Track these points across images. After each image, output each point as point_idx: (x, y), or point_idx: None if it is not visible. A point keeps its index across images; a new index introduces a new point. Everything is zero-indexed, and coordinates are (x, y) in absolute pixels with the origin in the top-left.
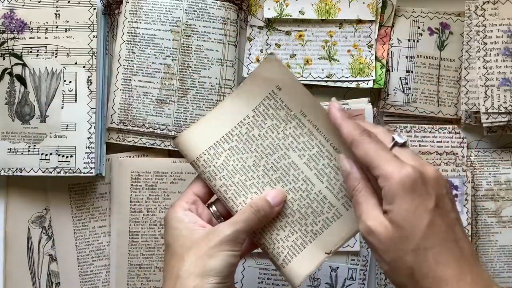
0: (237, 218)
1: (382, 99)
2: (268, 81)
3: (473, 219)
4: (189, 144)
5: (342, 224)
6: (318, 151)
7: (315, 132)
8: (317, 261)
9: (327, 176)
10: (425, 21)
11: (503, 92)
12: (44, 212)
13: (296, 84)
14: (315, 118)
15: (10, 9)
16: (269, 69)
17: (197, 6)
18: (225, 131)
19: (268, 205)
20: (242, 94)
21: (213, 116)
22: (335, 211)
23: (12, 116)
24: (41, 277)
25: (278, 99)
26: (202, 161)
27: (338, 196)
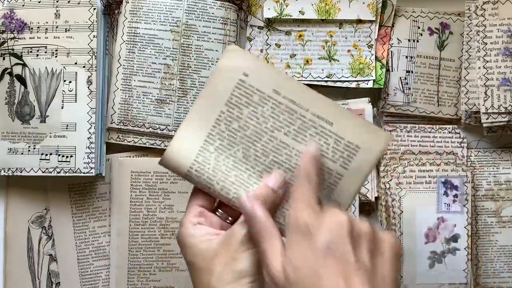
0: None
1: (382, 99)
2: (233, 71)
3: (473, 219)
4: (176, 160)
5: (345, 184)
6: (302, 123)
7: (293, 106)
8: None
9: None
10: (425, 21)
11: (503, 92)
12: (44, 212)
13: (262, 65)
14: (289, 93)
15: (10, 9)
16: (231, 59)
17: (197, 6)
18: (205, 134)
19: (271, 191)
20: (210, 92)
21: (189, 124)
22: (335, 174)
23: (12, 116)
24: (41, 277)
25: (248, 86)
26: (194, 172)
27: (333, 159)
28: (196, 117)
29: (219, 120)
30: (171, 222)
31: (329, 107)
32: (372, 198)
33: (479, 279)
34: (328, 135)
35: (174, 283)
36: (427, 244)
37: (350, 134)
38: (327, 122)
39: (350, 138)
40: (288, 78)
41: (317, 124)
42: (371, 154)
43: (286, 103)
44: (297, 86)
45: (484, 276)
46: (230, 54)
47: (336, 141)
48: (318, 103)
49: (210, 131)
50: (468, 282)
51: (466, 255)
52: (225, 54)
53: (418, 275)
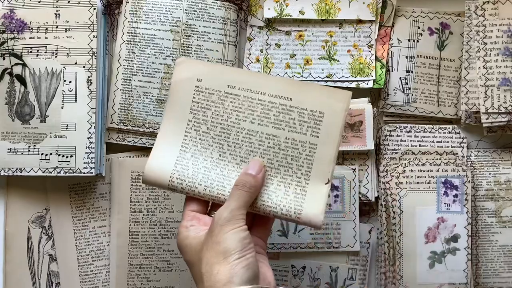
0: (228, 200)
1: (382, 99)
2: (187, 81)
3: (473, 219)
4: (155, 175)
5: (322, 151)
6: (263, 108)
7: (250, 94)
8: (323, 195)
9: (283, 122)
10: (425, 21)
11: (503, 92)
12: (44, 212)
13: (212, 67)
14: (243, 83)
15: (10, 9)
16: (182, 70)
17: (197, 6)
18: (179, 144)
19: (250, 176)
20: (173, 106)
21: (161, 140)
22: (309, 145)
23: (12, 116)
24: (41, 277)
25: (205, 89)
26: (175, 180)
27: (302, 131)
28: (167, 132)
29: (188, 128)
30: (171, 222)
31: (284, 84)
32: (372, 198)
33: (479, 279)
34: (290, 110)
35: (174, 283)
36: (427, 244)
37: (311, 103)
38: (286, 98)
39: (311, 107)
40: (238, 70)
41: (277, 104)
42: (337, 115)
43: (243, 94)
44: (249, 75)
45: (484, 276)
46: (180, 66)
47: (300, 114)
48: (272, 84)
49: (183, 140)
50: (468, 282)
51: (466, 255)
52: (176, 68)
53: (418, 275)
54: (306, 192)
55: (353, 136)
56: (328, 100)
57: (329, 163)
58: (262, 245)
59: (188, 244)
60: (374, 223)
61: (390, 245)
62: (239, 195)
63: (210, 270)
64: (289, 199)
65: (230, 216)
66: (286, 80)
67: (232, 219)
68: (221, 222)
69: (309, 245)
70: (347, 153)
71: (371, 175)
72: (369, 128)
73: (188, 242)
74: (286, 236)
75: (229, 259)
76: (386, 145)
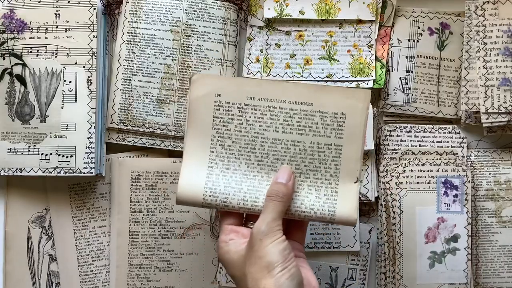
0: (263, 213)
1: (382, 99)
2: (206, 97)
3: (473, 219)
4: (189, 194)
5: (347, 151)
6: (285, 115)
7: (270, 103)
8: (354, 194)
9: (307, 127)
10: (425, 21)
11: (503, 92)
12: (44, 212)
13: (228, 80)
14: (262, 93)
15: (10, 9)
16: (199, 87)
17: (197, 6)
18: (206, 161)
19: (281, 185)
20: (194, 123)
21: (188, 159)
22: (334, 147)
23: (12, 116)
24: (41, 277)
25: (224, 103)
26: (209, 198)
27: (326, 134)
28: (192, 150)
29: (213, 143)
30: (171, 222)
31: (303, 89)
32: (372, 198)
33: (479, 279)
34: (312, 115)
35: (174, 283)
36: (427, 244)
37: (332, 105)
38: (307, 104)
39: (333, 109)
40: (255, 81)
41: (299, 110)
42: (359, 114)
43: (263, 104)
44: (267, 85)
45: (484, 276)
46: (197, 83)
47: (322, 117)
48: (291, 91)
49: (209, 156)
50: (468, 282)
51: (466, 255)
52: (192, 85)
53: (418, 275)
54: (337, 193)
55: None
56: (349, 101)
57: (356, 161)
58: (299, 248)
59: (230, 258)
60: (374, 223)
61: (390, 245)
62: (273, 206)
63: (256, 285)
64: (322, 201)
65: (268, 229)
66: (304, 85)
67: (270, 231)
68: (260, 236)
69: (309, 245)
70: None
71: (371, 175)
72: (369, 128)
73: (230, 257)
74: None
75: (272, 273)
76: (386, 145)
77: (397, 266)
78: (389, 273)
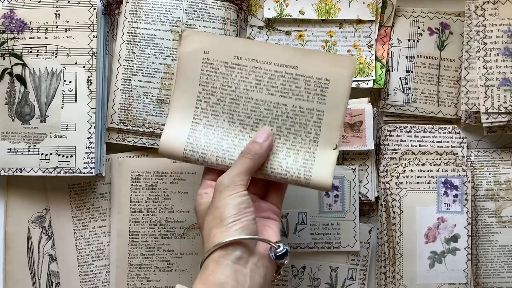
0: (232, 167)
1: (382, 99)
2: (194, 54)
3: (473, 219)
4: (170, 147)
5: (329, 118)
6: (269, 77)
7: (256, 64)
8: (331, 160)
9: (290, 90)
10: (425, 21)
11: (503, 92)
12: (44, 212)
13: (218, 38)
14: (249, 54)
15: (10, 9)
16: (189, 43)
17: (197, 6)
18: (191, 116)
19: (256, 144)
20: (182, 79)
21: (173, 113)
22: (316, 112)
23: (12, 116)
24: (41, 277)
25: (212, 61)
26: (189, 152)
27: (309, 99)
28: (178, 104)
29: (198, 99)
30: (171, 222)
31: (289, 53)
32: (372, 198)
33: (479, 279)
34: (296, 79)
35: (174, 283)
36: (427, 244)
37: (317, 70)
38: (292, 67)
39: (317, 74)
40: (244, 41)
41: (283, 73)
42: (343, 82)
43: (250, 64)
44: (254, 45)
45: (484, 276)
46: (187, 39)
47: (306, 82)
48: (278, 53)
49: (194, 112)
50: (468, 282)
51: (466, 255)
52: (182, 41)
53: (418, 275)
54: (315, 158)
55: (353, 136)
56: (334, 67)
57: (336, 129)
58: (274, 211)
59: (200, 209)
60: (374, 223)
61: (390, 245)
62: (242, 162)
63: (208, 233)
64: (299, 165)
65: (229, 182)
66: (291, 49)
67: (231, 184)
68: (220, 188)
69: (309, 245)
70: (347, 153)
71: (371, 175)
72: (369, 128)
73: (201, 208)
74: (286, 236)
75: (223, 222)
76: (386, 145)
77: (397, 266)
78: (389, 273)
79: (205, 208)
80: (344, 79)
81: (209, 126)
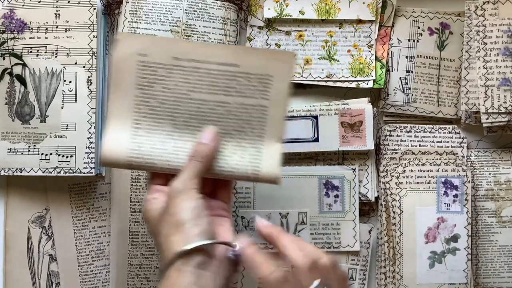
0: (182, 172)
1: (382, 99)
2: (130, 57)
3: (473, 219)
4: (113, 156)
5: (272, 112)
6: (211, 76)
7: (196, 64)
8: (278, 154)
9: (232, 88)
10: (425, 21)
11: (503, 92)
12: (44, 212)
13: (154, 40)
14: (188, 54)
15: (10, 9)
16: (124, 46)
17: (197, 6)
18: (131, 122)
19: (203, 146)
20: (118, 84)
21: (112, 120)
22: (258, 107)
23: (12, 116)
24: (41, 277)
25: (149, 64)
26: (133, 159)
27: (252, 95)
28: (116, 111)
29: (137, 104)
30: None
31: (229, 51)
32: (372, 198)
33: (479, 279)
34: (238, 76)
35: None
36: (427, 244)
37: (258, 67)
38: (232, 65)
39: (259, 70)
40: (182, 41)
41: (225, 71)
42: (284, 76)
43: (190, 64)
44: (193, 46)
45: (484, 276)
46: (122, 42)
47: (248, 79)
48: (218, 52)
49: (133, 117)
50: (468, 282)
51: (466, 255)
52: (117, 45)
53: (418, 275)
54: (262, 153)
55: (353, 136)
56: (274, 63)
57: (280, 122)
58: (225, 208)
59: (150, 216)
60: (374, 223)
61: (390, 245)
62: (192, 166)
63: (166, 241)
64: (246, 161)
65: (182, 187)
66: (231, 47)
67: (184, 189)
68: (173, 194)
69: None
70: (347, 153)
71: (371, 175)
72: (369, 128)
73: (150, 215)
74: None
75: (181, 229)
76: (386, 145)
77: (397, 266)
78: (389, 273)
79: (155, 215)
80: (285, 74)
81: (152, 130)
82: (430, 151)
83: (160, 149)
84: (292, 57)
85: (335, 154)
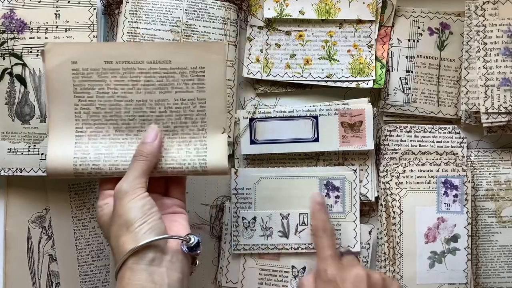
0: (127, 173)
1: (382, 99)
2: (62, 66)
3: (473, 219)
4: (58, 167)
5: (211, 104)
6: (145, 76)
7: (129, 65)
8: (223, 144)
9: (168, 85)
10: (425, 21)
11: (503, 92)
12: (44, 212)
13: (83, 46)
14: (119, 57)
15: (10, 9)
16: (53, 57)
17: (197, 6)
18: (73, 131)
19: (146, 145)
20: (54, 94)
21: (53, 131)
22: (198, 101)
23: (12, 116)
24: (41, 277)
25: (82, 70)
26: (80, 167)
27: (188, 89)
28: (57, 122)
29: (77, 112)
30: None
31: (160, 48)
32: (372, 198)
33: (479, 279)
34: (172, 72)
35: None
36: (427, 244)
37: (190, 61)
38: (165, 62)
39: (191, 64)
40: (112, 44)
41: (158, 69)
42: (217, 67)
43: (122, 66)
44: (123, 47)
45: (484, 276)
46: (50, 53)
47: (182, 73)
48: (148, 51)
49: (75, 125)
50: (468, 282)
51: (466, 255)
52: (46, 56)
53: (418, 275)
54: (206, 145)
55: (353, 136)
56: (205, 54)
57: (221, 113)
58: (180, 205)
59: (103, 221)
60: (374, 223)
61: (390, 245)
62: (136, 165)
63: (116, 243)
64: (192, 155)
65: (128, 188)
66: (160, 44)
67: (130, 190)
68: (119, 195)
69: (310, 245)
70: (347, 153)
71: (371, 175)
72: (369, 128)
73: (104, 220)
74: (287, 237)
75: (131, 229)
76: (386, 145)
77: (397, 266)
78: (389, 273)
79: (108, 219)
80: (218, 64)
81: (95, 136)
82: (430, 151)
83: (106, 154)
84: (221, 47)
85: (335, 154)
